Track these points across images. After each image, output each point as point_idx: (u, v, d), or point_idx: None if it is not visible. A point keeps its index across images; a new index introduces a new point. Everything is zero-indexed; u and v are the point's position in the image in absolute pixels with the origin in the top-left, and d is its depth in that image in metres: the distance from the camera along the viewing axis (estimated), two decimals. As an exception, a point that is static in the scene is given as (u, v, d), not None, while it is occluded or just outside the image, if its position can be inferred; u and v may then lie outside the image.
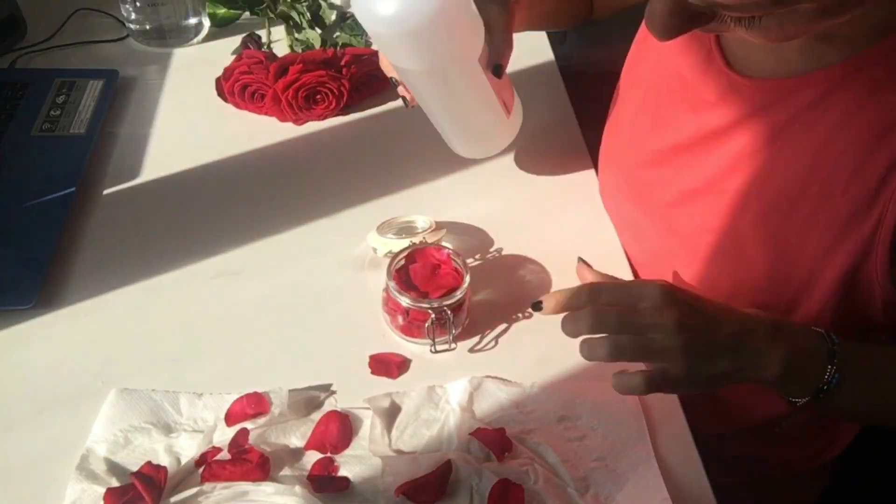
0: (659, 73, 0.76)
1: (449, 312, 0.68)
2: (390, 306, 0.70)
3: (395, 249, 0.73)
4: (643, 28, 0.81)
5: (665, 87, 0.75)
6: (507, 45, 0.73)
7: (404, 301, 0.68)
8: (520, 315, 0.74)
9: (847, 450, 0.85)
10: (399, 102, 0.98)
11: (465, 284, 0.69)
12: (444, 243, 0.74)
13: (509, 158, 0.90)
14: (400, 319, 0.70)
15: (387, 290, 0.70)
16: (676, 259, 0.73)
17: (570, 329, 0.60)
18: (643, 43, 0.80)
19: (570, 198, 0.86)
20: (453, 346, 0.71)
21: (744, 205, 0.66)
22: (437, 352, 0.71)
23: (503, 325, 0.73)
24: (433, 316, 0.68)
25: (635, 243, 0.80)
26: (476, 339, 0.72)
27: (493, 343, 0.72)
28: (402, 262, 0.71)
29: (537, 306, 0.63)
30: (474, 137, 0.82)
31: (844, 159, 0.59)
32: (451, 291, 0.69)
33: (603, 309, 0.59)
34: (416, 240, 0.74)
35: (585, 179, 0.89)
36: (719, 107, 0.67)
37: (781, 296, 0.66)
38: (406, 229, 0.78)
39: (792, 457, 0.84)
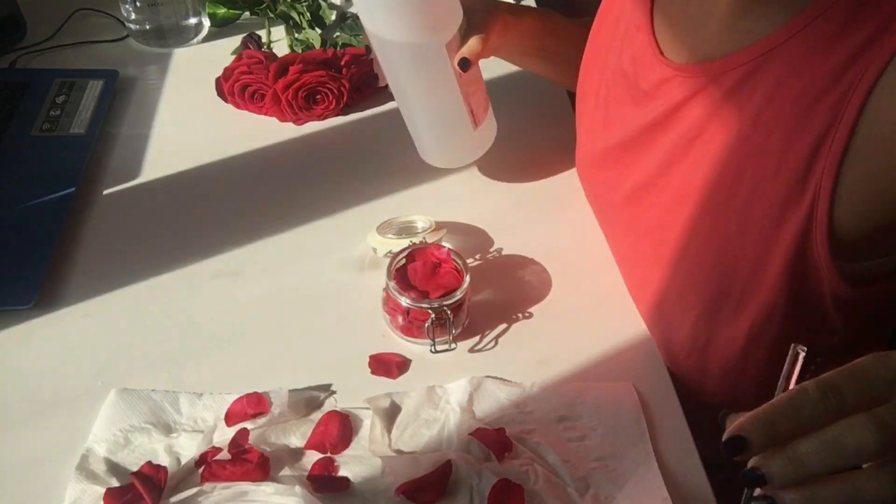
0: (606, 70, 0.75)
1: (449, 312, 0.68)
2: (390, 306, 0.70)
3: (395, 249, 0.73)
4: (594, 29, 0.80)
5: (612, 84, 0.74)
6: (482, 45, 0.73)
7: (404, 301, 0.68)
8: (520, 315, 0.74)
9: None
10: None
11: (465, 284, 0.69)
12: (444, 243, 0.74)
13: (509, 158, 0.90)
14: (400, 319, 0.70)
15: (387, 289, 0.70)
16: (642, 258, 0.73)
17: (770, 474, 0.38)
18: (592, 45, 0.80)
19: (570, 197, 0.86)
20: (453, 346, 0.71)
21: (685, 197, 0.64)
22: (436, 352, 0.71)
23: (503, 326, 0.73)
24: (433, 316, 0.68)
25: (611, 244, 0.81)
26: (476, 339, 0.72)
27: (493, 343, 0.72)
28: (402, 261, 0.71)
29: (734, 447, 0.38)
30: (436, 139, 0.82)
31: (773, 139, 0.56)
32: (451, 291, 0.69)
33: (841, 426, 0.37)
34: (416, 240, 0.74)
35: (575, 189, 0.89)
36: (655, 97, 0.66)
37: (732, 286, 0.64)
38: (406, 229, 0.78)
39: None
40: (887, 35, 0.50)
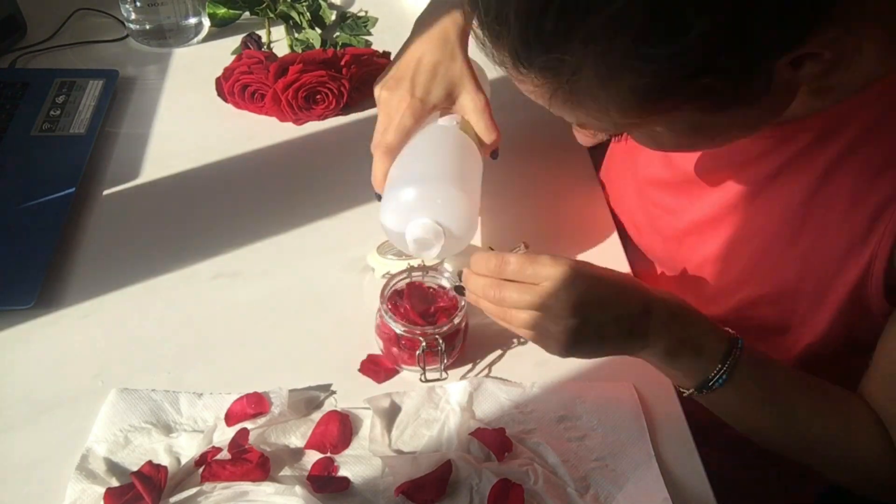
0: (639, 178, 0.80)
1: (441, 341, 0.66)
2: (383, 330, 0.68)
3: (394, 271, 0.72)
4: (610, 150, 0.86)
5: (649, 192, 0.78)
6: (491, 129, 0.74)
7: (397, 328, 0.66)
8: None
9: None
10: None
11: (461, 313, 0.67)
12: (446, 264, 0.71)
13: (511, 166, 0.90)
14: (393, 348, 0.68)
15: (380, 313, 0.68)
16: (691, 285, 0.75)
17: (470, 289, 0.63)
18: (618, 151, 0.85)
19: (572, 214, 0.86)
20: (444, 375, 0.69)
21: (749, 236, 0.69)
22: (426, 381, 0.68)
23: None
24: (423, 344, 0.66)
25: (657, 259, 0.83)
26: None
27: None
28: (400, 285, 0.70)
29: (461, 290, 0.65)
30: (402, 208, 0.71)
31: (841, 196, 0.62)
32: (445, 319, 0.67)
33: (503, 283, 0.61)
34: (416, 262, 0.72)
35: (589, 188, 0.89)
36: (721, 154, 0.69)
37: (792, 317, 0.68)
38: None
39: None
40: None
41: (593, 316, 0.59)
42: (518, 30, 0.48)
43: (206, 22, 1.08)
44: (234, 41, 1.05)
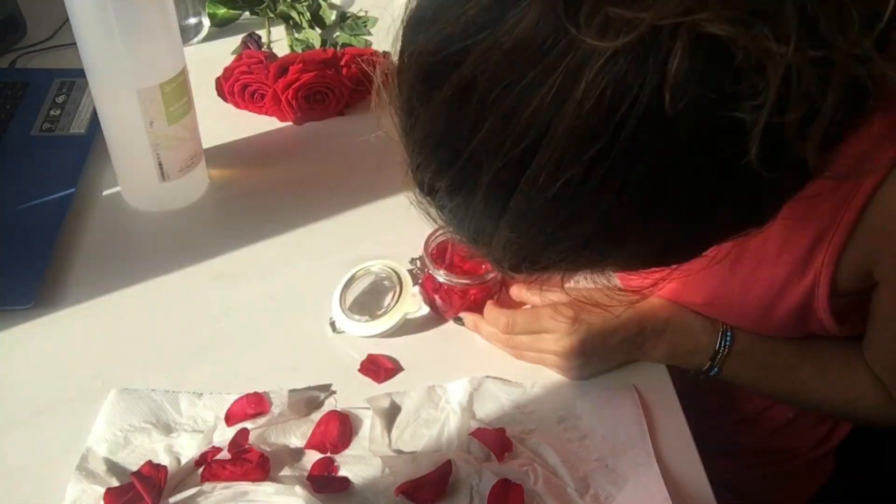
0: None
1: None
2: (426, 285, 0.73)
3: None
4: None
5: None
6: None
7: (440, 277, 0.71)
8: None
9: (851, 435, 0.85)
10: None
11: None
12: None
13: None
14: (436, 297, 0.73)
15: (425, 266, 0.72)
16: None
17: (482, 336, 0.71)
18: None
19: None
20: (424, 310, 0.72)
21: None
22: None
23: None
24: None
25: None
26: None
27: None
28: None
29: (459, 321, 0.73)
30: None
31: (773, 231, 0.57)
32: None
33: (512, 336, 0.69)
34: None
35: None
36: None
37: (739, 322, 0.70)
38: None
39: (796, 444, 0.85)
40: (888, 143, 0.52)
41: (596, 351, 0.67)
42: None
43: (206, 22, 1.08)
44: (234, 41, 1.05)
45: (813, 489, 0.89)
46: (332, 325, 0.72)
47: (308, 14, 1.06)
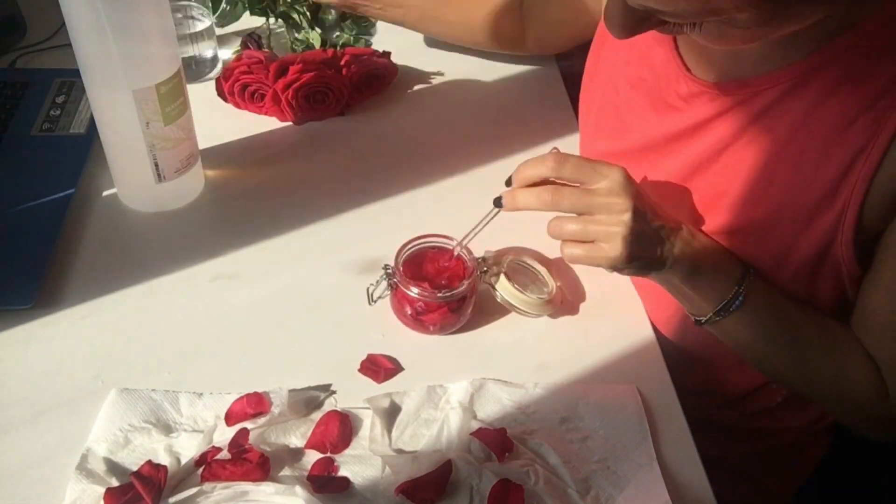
0: (618, 77, 0.78)
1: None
2: (398, 300, 0.71)
3: (519, 305, 0.72)
4: (598, 33, 0.83)
5: (624, 91, 0.77)
6: None
7: (412, 293, 0.69)
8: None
9: None
10: (399, 102, 0.99)
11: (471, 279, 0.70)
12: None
13: (510, 161, 0.90)
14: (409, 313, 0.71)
15: (396, 283, 0.71)
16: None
17: (523, 199, 0.65)
18: (599, 49, 0.82)
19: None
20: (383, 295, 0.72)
21: (711, 202, 0.69)
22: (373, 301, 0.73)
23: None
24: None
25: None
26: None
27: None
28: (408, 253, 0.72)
29: (498, 202, 0.67)
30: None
31: (808, 153, 0.62)
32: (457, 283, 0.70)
33: (560, 186, 0.64)
34: (543, 296, 0.73)
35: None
36: (681, 110, 0.70)
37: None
38: (524, 273, 0.76)
39: (791, 424, 0.85)
40: None
41: (643, 218, 0.63)
42: None
43: (222, 55, 1.05)
44: (234, 41, 1.05)
45: (811, 465, 0.90)
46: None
47: (308, 14, 1.06)
